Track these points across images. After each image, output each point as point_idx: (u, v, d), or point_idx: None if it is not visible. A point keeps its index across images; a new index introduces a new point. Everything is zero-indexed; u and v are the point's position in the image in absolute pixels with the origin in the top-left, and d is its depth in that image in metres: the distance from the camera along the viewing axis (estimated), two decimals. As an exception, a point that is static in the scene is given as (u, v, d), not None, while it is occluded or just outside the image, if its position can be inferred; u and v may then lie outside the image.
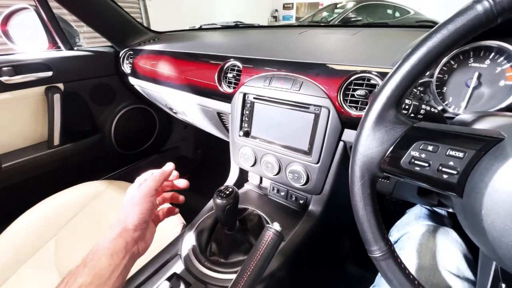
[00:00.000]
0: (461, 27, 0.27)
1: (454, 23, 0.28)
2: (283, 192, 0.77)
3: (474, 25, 0.27)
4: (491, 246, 0.26)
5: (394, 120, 0.32)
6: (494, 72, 0.49)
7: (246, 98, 0.71)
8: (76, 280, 0.35)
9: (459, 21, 0.27)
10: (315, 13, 5.77)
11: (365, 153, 0.34)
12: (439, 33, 0.28)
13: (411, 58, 0.30)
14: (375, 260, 0.35)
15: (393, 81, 0.32)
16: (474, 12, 0.26)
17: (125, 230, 0.41)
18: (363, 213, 0.35)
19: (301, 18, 7.69)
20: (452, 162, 0.29)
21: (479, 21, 0.26)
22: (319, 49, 0.73)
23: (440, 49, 0.29)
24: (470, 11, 0.27)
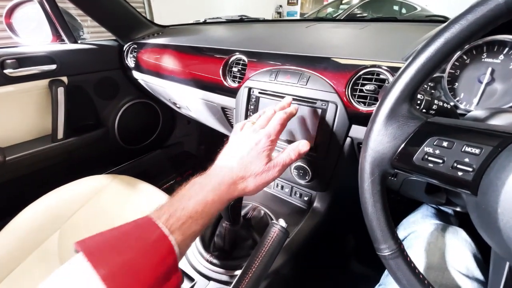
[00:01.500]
0: (481, 17, 0.26)
1: (473, 13, 0.26)
2: (287, 189, 0.76)
3: (495, 15, 0.25)
4: (506, 246, 0.25)
5: (407, 115, 0.31)
6: (508, 67, 0.47)
7: (251, 93, 0.70)
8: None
9: (479, 11, 0.26)
10: (320, 9, 5.70)
11: (376, 148, 0.33)
12: (457, 24, 0.27)
13: (427, 50, 0.29)
14: (384, 259, 0.34)
15: (407, 74, 0.31)
16: (494, 2, 0.25)
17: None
18: (372, 210, 0.34)
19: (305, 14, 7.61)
20: (467, 158, 0.28)
21: (500, 11, 0.25)
22: (327, 43, 0.72)
23: (459, 41, 0.27)
24: (491, 1, 0.25)
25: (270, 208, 0.71)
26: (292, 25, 0.96)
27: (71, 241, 0.31)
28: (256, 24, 1.12)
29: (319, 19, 1.01)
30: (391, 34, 0.71)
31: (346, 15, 4.25)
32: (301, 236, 0.62)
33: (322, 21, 0.98)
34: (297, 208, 0.73)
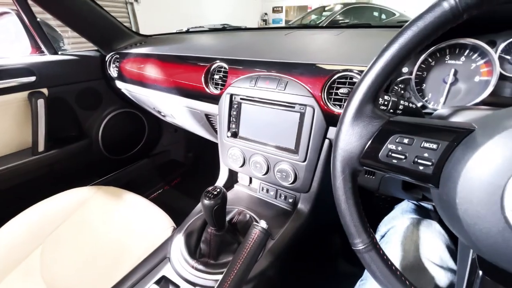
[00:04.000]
0: (429, 23, 0.28)
1: (423, 20, 0.29)
2: (272, 192, 0.78)
3: (442, 22, 0.28)
4: (467, 233, 0.27)
5: (371, 115, 0.33)
6: (469, 68, 0.51)
7: (233, 99, 0.71)
8: None
9: (428, 18, 0.28)
10: (304, 16, 5.85)
11: (345, 148, 0.35)
12: (409, 30, 0.30)
13: (384, 55, 0.31)
14: (359, 253, 0.36)
15: (368, 78, 0.33)
16: (441, 9, 0.28)
17: None
18: (345, 206, 0.36)
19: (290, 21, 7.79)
20: (426, 153, 0.30)
21: (446, 17, 0.28)
22: (304, 50, 0.74)
23: (411, 45, 0.30)
24: (438, 8, 0.28)
25: (256, 211, 0.72)
26: (272, 33, 0.98)
27: (54, 257, 0.30)
28: (238, 32, 1.15)
29: (298, 27, 1.05)
30: (364, 40, 0.75)
31: (329, 21, 4.39)
32: (285, 238, 0.63)
33: (300, 28, 1.02)
34: (283, 210, 0.74)
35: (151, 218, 0.80)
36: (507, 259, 0.25)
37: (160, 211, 0.81)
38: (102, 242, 0.75)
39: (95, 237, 0.77)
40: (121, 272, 0.59)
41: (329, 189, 0.38)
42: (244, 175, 0.84)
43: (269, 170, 0.70)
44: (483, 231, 0.26)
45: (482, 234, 0.26)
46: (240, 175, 0.85)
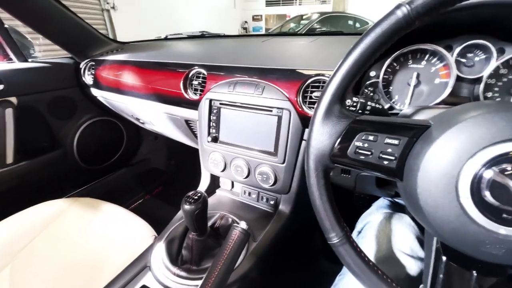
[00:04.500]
0: (386, 30, 0.31)
1: (380, 27, 0.31)
2: (254, 195, 0.78)
3: (396, 28, 0.31)
4: (429, 222, 0.29)
5: (339, 115, 0.36)
6: (430, 71, 0.55)
7: (212, 104, 0.72)
8: None
9: (384, 25, 0.31)
10: (283, 24, 6.02)
11: (316, 146, 0.37)
12: (368, 37, 0.32)
13: (347, 60, 0.34)
14: (334, 247, 0.37)
15: (334, 81, 0.35)
16: (395, 17, 0.30)
17: None
18: (319, 202, 0.37)
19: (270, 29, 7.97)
20: (390, 149, 0.32)
21: (400, 24, 0.30)
22: (280, 56, 0.77)
23: (371, 50, 0.32)
24: (392, 16, 0.31)
25: (238, 215, 0.72)
26: (250, 40, 1.01)
27: (26, 275, 0.29)
28: (217, 39, 1.17)
29: (275, 34, 1.08)
30: (336, 46, 0.79)
31: (307, 29, 4.54)
32: (267, 239, 0.64)
33: (277, 36, 1.05)
34: (265, 212, 0.75)
35: (131, 228, 0.78)
36: (465, 243, 0.28)
37: (141, 221, 0.80)
38: (80, 255, 0.72)
39: (71, 251, 0.74)
40: (101, 284, 0.57)
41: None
42: (226, 180, 0.84)
43: (250, 173, 0.71)
44: (443, 218, 0.28)
45: (442, 221, 0.28)
46: (222, 179, 0.86)
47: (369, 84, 0.60)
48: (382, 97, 0.59)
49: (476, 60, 0.52)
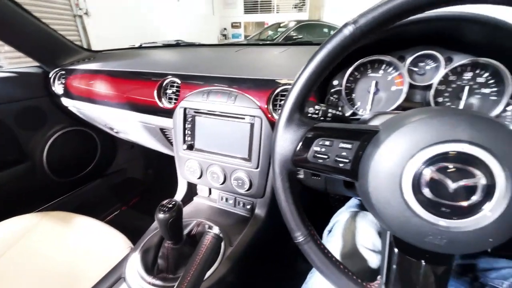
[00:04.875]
0: (335, 46, 0.35)
1: (331, 43, 0.35)
2: (231, 200, 0.80)
3: (344, 45, 0.34)
4: (381, 217, 0.33)
5: (299, 123, 0.38)
6: (386, 79, 0.60)
7: (186, 112, 0.73)
8: None
9: (334, 42, 0.35)
10: (261, 31, 6.14)
11: (280, 152, 0.39)
12: (320, 53, 0.35)
13: (303, 74, 0.37)
14: (300, 245, 0.40)
15: (293, 92, 0.38)
16: (343, 35, 0.34)
17: None
18: (285, 204, 0.40)
19: (249, 36, 8.09)
20: (344, 152, 0.35)
21: (347, 41, 0.34)
22: (252, 65, 0.80)
23: (324, 65, 0.36)
24: (340, 33, 0.34)
25: (216, 221, 0.73)
26: (224, 49, 1.04)
27: None
28: (191, 48, 1.18)
29: (248, 44, 1.12)
30: (305, 56, 0.83)
31: (284, 37, 4.67)
32: (244, 243, 0.65)
33: (250, 45, 1.08)
34: (242, 217, 0.77)
35: (106, 240, 0.76)
36: (412, 235, 0.31)
37: (116, 233, 0.78)
38: (52, 271, 0.69)
39: (43, 266, 0.71)
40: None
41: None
42: (203, 187, 0.85)
43: (226, 179, 0.73)
44: (391, 214, 0.31)
45: (391, 217, 0.31)
46: (199, 187, 0.86)
47: (334, 92, 0.65)
48: (346, 104, 0.63)
49: (427, 68, 0.58)
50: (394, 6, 0.30)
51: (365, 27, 0.33)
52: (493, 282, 0.54)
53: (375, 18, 0.32)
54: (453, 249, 0.30)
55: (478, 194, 0.27)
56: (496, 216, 0.27)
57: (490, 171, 0.27)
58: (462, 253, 0.31)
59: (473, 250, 0.30)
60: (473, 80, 0.54)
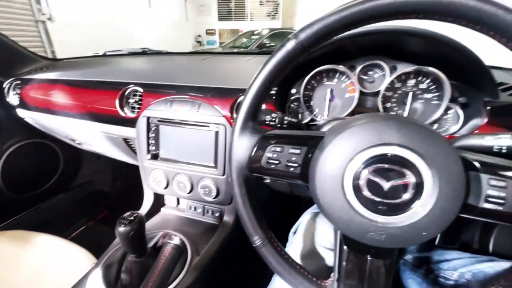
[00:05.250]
0: (280, 60, 0.37)
1: (275, 57, 0.37)
2: (199, 209, 0.79)
3: (288, 58, 0.36)
4: (329, 217, 0.35)
5: (252, 130, 0.40)
6: (341, 87, 0.65)
7: (150, 121, 0.72)
8: None
9: (278, 55, 0.36)
10: (235, 38, 6.21)
11: (236, 158, 0.41)
12: (267, 65, 0.37)
13: (254, 84, 0.38)
14: (258, 249, 0.41)
15: (246, 101, 0.39)
16: (286, 49, 0.36)
17: None
18: (243, 209, 0.41)
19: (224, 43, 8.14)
20: (294, 157, 0.37)
21: (290, 55, 0.36)
22: (216, 74, 0.82)
23: (271, 76, 0.38)
24: (284, 48, 0.36)
25: (184, 231, 0.72)
26: (190, 58, 1.04)
27: None
28: (158, 56, 1.17)
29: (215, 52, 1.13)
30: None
31: (257, 45, 4.76)
32: (212, 252, 0.65)
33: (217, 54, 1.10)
34: (211, 225, 0.77)
35: (69, 258, 0.72)
36: (355, 232, 0.33)
37: (81, 250, 0.74)
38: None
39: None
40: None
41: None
42: (171, 197, 0.83)
43: (193, 188, 0.72)
44: (337, 213, 0.34)
45: (337, 216, 0.34)
46: (167, 197, 0.85)
47: (294, 100, 0.68)
48: (305, 111, 0.66)
49: (375, 76, 0.63)
50: (329, 23, 0.33)
51: (306, 42, 0.35)
52: (444, 273, 0.59)
53: (313, 33, 0.34)
54: (392, 243, 0.32)
55: (409, 192, 0.30)
56: (426, 212, 0.30)
57: (418, 170, 0.30)
58: (400, 246, 0.34)
59: (410, 244, 0.33)
60: (416, 87, 0.59)
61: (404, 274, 0.65)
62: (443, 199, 0.29)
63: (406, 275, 0.64)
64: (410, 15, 0.30)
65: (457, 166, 0.29)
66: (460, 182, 0.29)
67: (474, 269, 0.53)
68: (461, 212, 0.30)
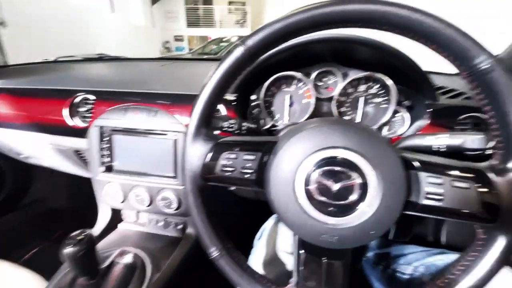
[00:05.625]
0: (230, 66, 0.36)
1: (225, 63, 0.36)
2: (161, 222, 0.75)
3: (237, 64, 0.36)
4: (284, 221, 0.34)
5: (205, 138, 0.39)
6: (298, 93, 0.66)
7: (102, 131, 0.68)
8: None
9: (227, 61, 0.36)
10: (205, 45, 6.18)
11: (189, 168, 0.39)
12: (217, 72, 0.36)
13: (204, 91, 0.37)
14: (215, 261, 0.39)
15: (197, 108, 0.38)
16: (234, 55, 0.35)
17: None
18: (198, 220, 0.39)
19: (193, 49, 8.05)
20: (248, 163, 0.37)
21: (239, 61, 0.36)
22: (175, 81, 0.79)
23: (221, 83, 0.37)
24: (232, 54, 0.36)
25: (144, 247, 0.67)
26: (149, 64, 1.00)
27: None
28: (115, 62, 1.11)
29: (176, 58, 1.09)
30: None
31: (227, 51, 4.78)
32: (173, 266, 0.62)
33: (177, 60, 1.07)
34: (173, 239, 0.73)
35: (17, 284, 0.64)
36: (309, 235, 0.33)
37: (29, 275, 0.66)
38: None
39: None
40: None
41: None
42: (129, 212, 0.78)
43: (153, 200, 0.69)
44: (291, 217, 0.33)
45: (291, 220, 0.34)
46: (125, 212, 0.79)
47: (255, 105, 0.68)
48: (266, 117, 0.67)
49: (330, 83, 0.65)
50: (274, 31, 0.33)
51: (253, 48, 0.35)
52: (400, 268, 0.62)
53: (261, 40, 0.34)
54: (344, 244, 0.33)
55: (356, 193, 0.31)
56: (373, 211, 0.31)
57: (362, 172, 0.31)
58: (352, 246, 0.34)
59: (361, 243, 0.34)
60: (367, 92, 0.63)
61: (367, 271, 0.67)
62: (386, 198, 0.31)
63: (368, 272, 0.67)
64: (347, 23, 0.31)
65: (397, 166, 0.31)
66: (401, 181, 0.31)
67: (426, 263, 0.56)
68: (404, 209, 0.32)
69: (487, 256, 0.31)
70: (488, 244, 0.31)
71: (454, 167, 0.32)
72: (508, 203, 0.29)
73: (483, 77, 0.28)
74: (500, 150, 0.30)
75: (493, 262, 0.30)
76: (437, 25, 0.28)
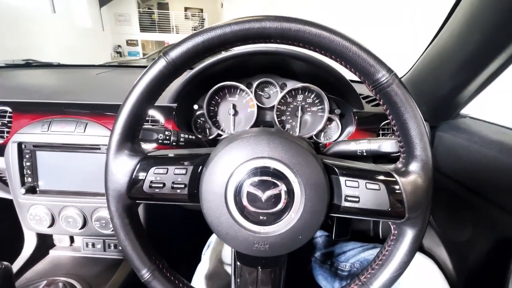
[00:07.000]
0: (152, 78, 0.34)
1: (147, 75, 0.34)
2: (99, 245, 0.69)
3: (161, 76, 0.34)
4: (218, 235, 0.33)
5: (130, 153, 0.36)
6: (243, 102, 0.66)
7: (23, 147, 0.59)
8: None
9: (150, 73, 0.34)
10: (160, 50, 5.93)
11: (112, 187, 0.36)
12: (139, 83, 0.34)
13: (127, 103, 0.34)
14: (147, 284, 0.36)
15: (119, 121, 0.35)
16: (157, 67, 0.34)
17: None
18: (126, 242, 0.36)
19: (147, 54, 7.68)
20: (180, 178, 0.35)
21: (163, 73, 0.34)
22: (109, 90, 0.74)
23: (145, 94, 0.34)
24: (155, 66, 0.34)
25: (77, 275, 0.61)
26: (84, 72, 0.91)
27: None
28: (45, 69, 0.99)
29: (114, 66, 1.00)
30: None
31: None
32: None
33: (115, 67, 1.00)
34: (113, 261, 0.67)
35: None
36: (243, 246, 0.33)
37: None
38: None
39: None
40: None
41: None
42: (61, 236, 0.70)
43: (87, 221, 0.62)
44: (224, 230, 0.33)
45: (224, 233, 0.33)
46: (56, 237, 0.71)
47: (200, 115, 0.66)
48: (211, 126, 0.66)
49: (270, 92, 0.67)
50: (195, 44, 0.33)
51: (177, 60, 0.33)
52: (340, 265, 0.66)
53: (183, 52, 0.33)
54: (275, 251, 0.33)
55: (282, 200, 0.32)
56: (299, 216, 0.32)
57: (288, 180, 0.32)
58: (283, 253, 0.35)
59: (291, 249, 0.34)
60: (304, 101, 0.66)
61: (315, 271, 0.69)
62: (311, 203, 0.32)
63: (316, 272, 0.69)
64: (265, 39, 0.32)
65: (319, 173, 0.32)
66: (323, 187, 0.32)
67: (361, 258, 0.61)
68: (329, 212, 0.34)
69: (399, 250, 0.34)
70: (399, 238, 0.34)
71: (367, 170, 0.34)
72: (411, 201, 0.32)
73: (384, 90, 0.31)
74: (403, 154, 0.34)
75: (404, 255, 0.34)
76: (344, 43, 0.30)
